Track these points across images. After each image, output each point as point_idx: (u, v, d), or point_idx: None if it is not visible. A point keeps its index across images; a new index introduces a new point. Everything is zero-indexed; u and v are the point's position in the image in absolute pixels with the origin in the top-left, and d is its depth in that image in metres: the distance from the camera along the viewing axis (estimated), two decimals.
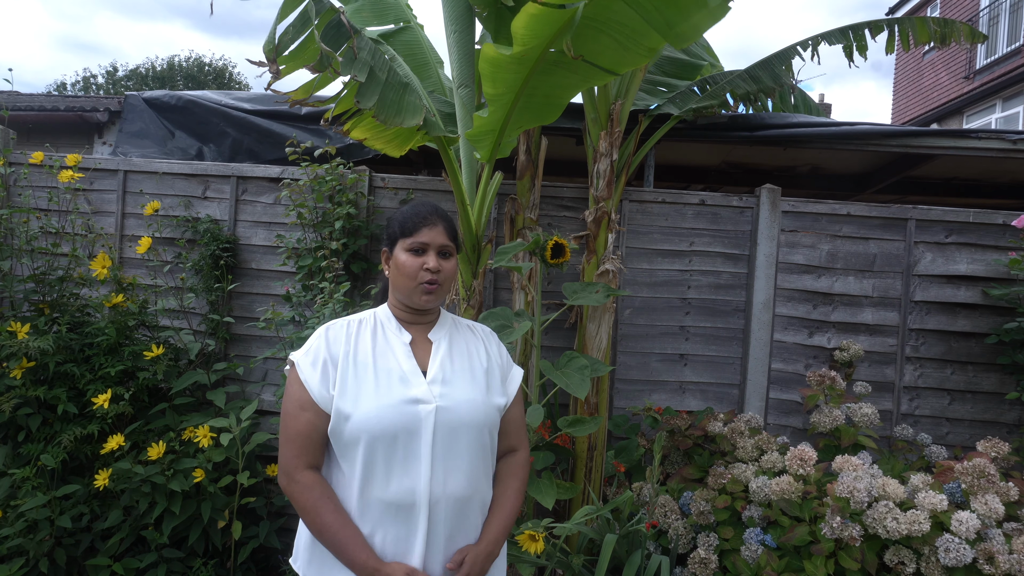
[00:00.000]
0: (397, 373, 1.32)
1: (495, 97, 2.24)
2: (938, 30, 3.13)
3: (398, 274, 1.36)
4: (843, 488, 2.23)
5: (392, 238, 1.40)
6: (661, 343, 3.23)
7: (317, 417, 1.29)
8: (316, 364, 1.30)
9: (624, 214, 3.20)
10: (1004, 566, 2.06)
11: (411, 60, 3.33)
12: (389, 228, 1.42)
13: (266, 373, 3.19)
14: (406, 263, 1.35)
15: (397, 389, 1.29)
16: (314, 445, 1.29)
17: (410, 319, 1.41)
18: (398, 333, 1.39)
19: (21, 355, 2.55)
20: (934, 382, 3.19)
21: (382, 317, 1.42)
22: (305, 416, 1.28)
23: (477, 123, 2.35)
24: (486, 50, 2.03)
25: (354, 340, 1.35)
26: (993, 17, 11.48)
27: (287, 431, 1.30)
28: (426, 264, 1.34)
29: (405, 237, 1.36)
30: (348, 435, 1.26)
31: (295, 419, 1.29)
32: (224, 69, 20.78)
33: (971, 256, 3.18)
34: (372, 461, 1.26)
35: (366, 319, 1.41)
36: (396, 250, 1.38)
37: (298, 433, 1.28)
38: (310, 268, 2.93)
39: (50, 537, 2.55)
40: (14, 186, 3.10)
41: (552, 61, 2.14)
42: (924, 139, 3.43)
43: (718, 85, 3.28)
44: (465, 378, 1.37)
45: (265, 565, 3.02)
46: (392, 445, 1.26)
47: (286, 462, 1.29)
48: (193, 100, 3.73)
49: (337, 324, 1.37)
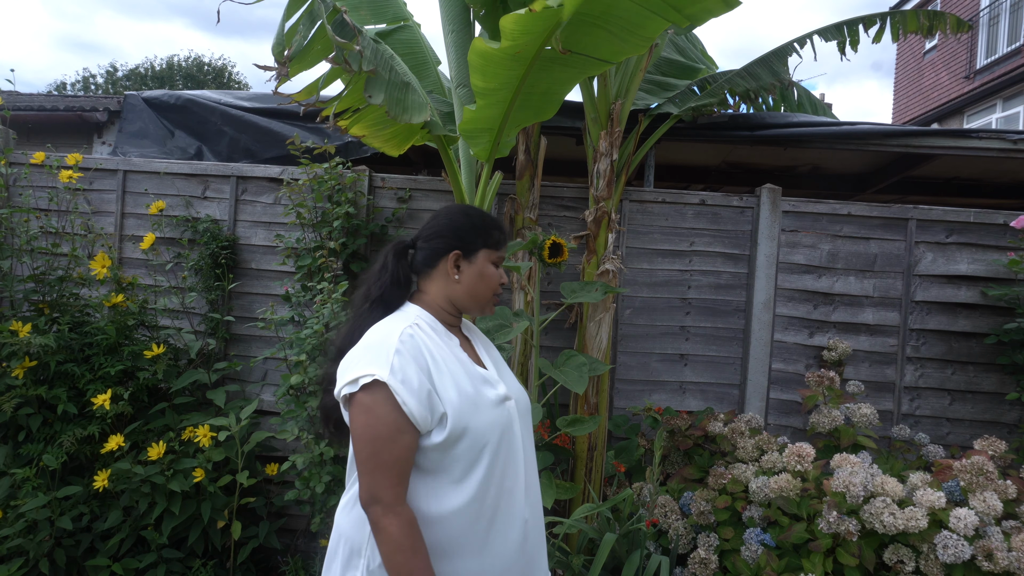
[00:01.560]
0: (478, 375, 1.29)
1: (486, 91, 2.22)
2: (926, 22, 3.27)
3: (481, 284, 1.34)
4: (839, 483, 2.23)
5: (470, 244, 1.33)
6: (661, 343, 3.23)
7: (415, 439, 1.18)
8: (409, 380, 1.17)
9: (624, 214, 3.20)
10: (1003, 563, 2.06)
11: (410, 59, 3.33)
12: (464, 232, 1.34)
13: (266, 373, 3.19)
14: (493, 276, 1.36)
15: (489, 390, 1.28)
16: (409, 472, 1.19)
17: (452, 322, 1.38)
18: (448, 337, 1.33)
19: (23, 354, 2.55)
20: (934, 382, 3.19)
21: (428, 320, 1.32)
22: (404, 440, 1.16)
23: (467, 117, 2.32)
24: (476, 44, 2.03)
25: (432, 344, 1.25)
26: (993, 17, 11.47)
27: (381, 458, 1.15)
28: (503, 279, 1.38)
29: (492, 249, 1.35)
30: (465, 452, 1.20)
31: (393, 444, 1.15)
32: (223, 69, 20.78)
33: (972, 256, 3.18)
34: (492, 467, 1.23)
35: (419, 323, 1.28)
36: (480, 259, 1.34)
37: (397, 459, 1.15)
38: (309, 268, 2.93)
39: (50, 537, 2.55)
40: (14, 186, 3.10)
41: (548, 58, 2.14)
42: (924, 139, 3.43)
43: (717, 84, 3.29)
44: (506, 368, 1.43)
45: (265, 565, 3.02)
46: (497, 454, 1.24)
47: (383, 492, 1.14)
48: (192, 99, 3.73)
49: (405, 331, 1.22)
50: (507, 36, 1.93)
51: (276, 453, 3.08)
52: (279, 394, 2.69)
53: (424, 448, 1.20)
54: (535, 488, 1.36)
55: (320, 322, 2.64)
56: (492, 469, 1.23)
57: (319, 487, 2.56)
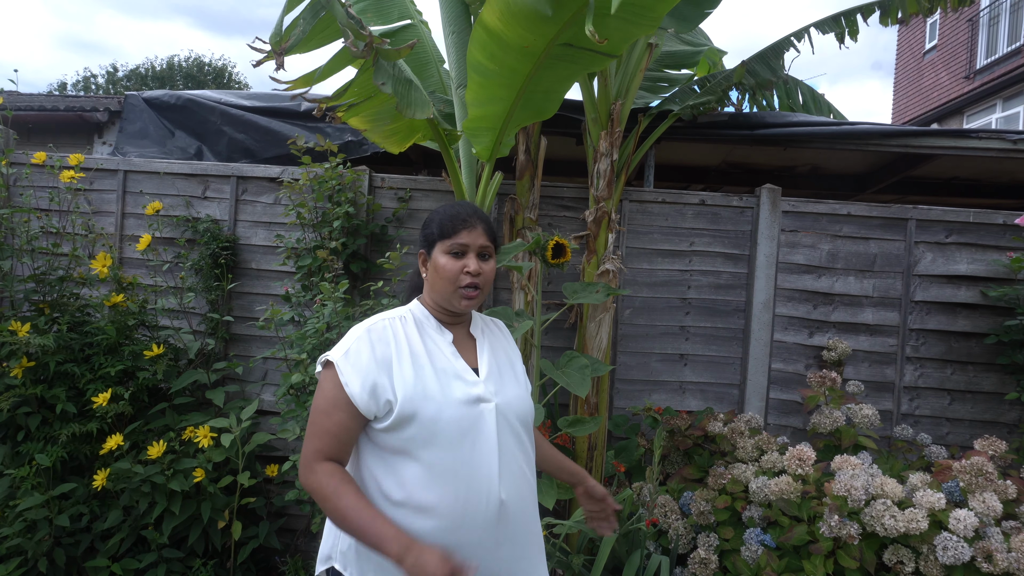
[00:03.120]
0: (452, 371, 1.29)
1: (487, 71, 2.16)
2: (926, 3, 3.10)
3: (437, 277, 1.33)
4: (840, 486, 2.23)
5: (430, 239, 1.36)
6: (661, 343, 3.23)
7: (351, 419, 1.24)
8: (358, 366, 1.24)
9: (624, 214, 3.20)
10: (1002, 564, 2.06)
11: (412, 59, 3.33)
12: (427, 229, 1.37)
13: (266, 373, 3.19)
14: (446, 266, 1.31)
15: (458, 388, 1.27)
16: (340, 444, 1.25)
17: (447, 319, 1.38)
18: (440, 332, 1.35)
19: (22, 354, 2.55)
20: (934, 382, 3.20)
21: (419, 315, 1.37)
22: (338, 415, 1.23)
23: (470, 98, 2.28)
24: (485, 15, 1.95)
25: (403, 337, 1.30)
26: (993, 17, 11.47)
27: (314, 427, 1.25)
28: (467, 267, 1.31)
29: (444, 239, 1.32)
30: (415, 438, 1.23)
31: (326, 416, 1.24)
32: (224, 69, 20.77)
33: (971, 256, 3.18)
34: (435, 462, 1.23)
35: (406, 316, 1.35)
36: (435, 252, 1.34)
37: (326, 431, 1.23)
38: (309, 268, 2.93)
39: (49, 537, 2.55)
40: (15, 186, 3.10)
41: (555, 55, 2.13)
42: (924, 139, 3.43)
43: (716, 81, 3.29)
44: (509, 374, 1.38)
45: (265, 565, 3.03)
46: (459, 445, 1.24)
47: (307, 456, 1.24)
48: (192, 99, 3.73)
49: (379, 324, 1.30)
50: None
51: (276, 453, 3.08)
52: (279, 394, 2.69)
53: (377, 431, 1.26)
54: (523, 479, 1.32)
55: (320, 321, 2.65)
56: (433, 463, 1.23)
57: None
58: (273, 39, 2.22)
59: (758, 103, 3.61)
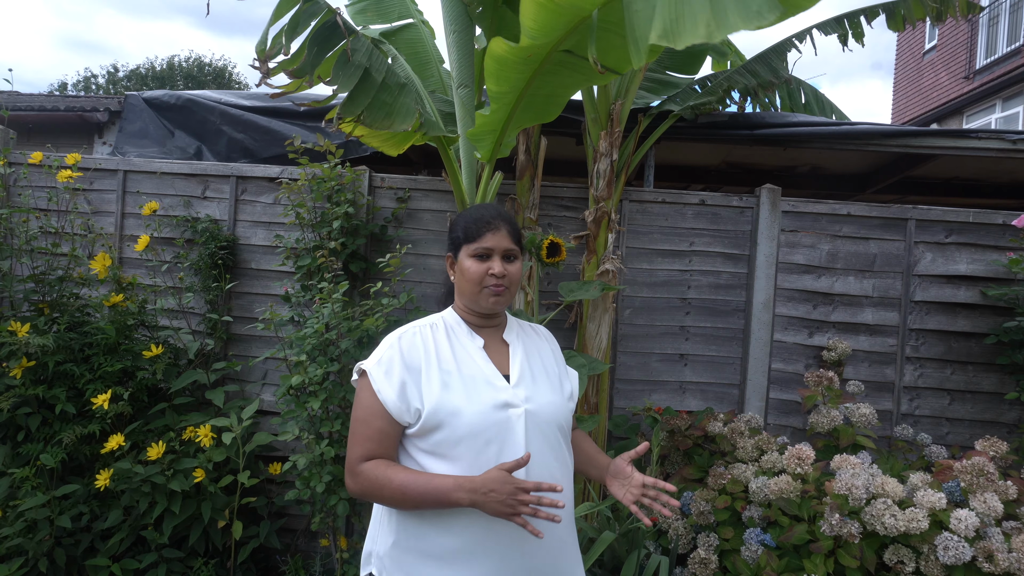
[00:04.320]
0: (481, 377, 1.31)
1: (499, 95, 2.22)
2: (934, 7, 3.07)
3: (464, 280, 1.35)
4: (841, 485, 2.23)
5: (456, 243, 1.38)
6: (661, 343, 3.23)
7: (389, 425, 1.28)
8: (391, 374, 1.28)
9: (624, 214, 3.20)
10: (1003, 564, 2.06)
11: (413, 59, 3.33)
12: (452, 233, 1.40)
13: (266, 373, 3.19)
14: (471, 269, 1.33)
15: (486, 393, 1.28)
16: (383, 448, 1.29)
17: (479, 323, 1.40)
18: (471, 337, 1.38)
19: (21, 354, 2.55)
20: (934, 382, 3.19)
21: (451, 321, 1.40)
22: (376, 423, 1.28)
23: (479, 121, 2.34)
24: (494, 46, 1.99)
25: (432, 345, 1.33)
26: (993, 17, 11.47)
27: (355, 436, 1.29)
28: (491, 269, 1.33)
29: (469, 243, 1.35)
30: (442, 443, 1.25)
31: (366, 425, 1.28)
32: (224, 69, 20.79)
33: (971, 256, 3.18)
34: (463, 467, 1.25)
35: (437, 323, 1.39)
36: (461, 256, 1.37)
37: (368, 438, 1.28)
38: (309, 268, 2.93)
39: (50, 537, 2.55)
40: (14, 186, 3.10)
41: (557, 61, 2.13)
42: (924, 139, 3.43)
43: (717, 81, 3.28)
44: (543, 380, 1.38)
45: (265, 565, 3.03)
46: (484, 451, 1.25)
47: (351, 463, 1.28)
48: (192, 99, 3.73)
49: (409, 331, 1.35)
50: (527, 34, 1.90)
51: (276, 453, 3.08)
52: (279, 394, 2.69)
53: (408, 435, 1.30)
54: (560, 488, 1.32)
55: (320, 322, 2.64)
56: (476, 460, 1.25)
57: (319, 487, 2.56)
58: (258, 48, 2.24)
59: (760, 103, 3.61)
